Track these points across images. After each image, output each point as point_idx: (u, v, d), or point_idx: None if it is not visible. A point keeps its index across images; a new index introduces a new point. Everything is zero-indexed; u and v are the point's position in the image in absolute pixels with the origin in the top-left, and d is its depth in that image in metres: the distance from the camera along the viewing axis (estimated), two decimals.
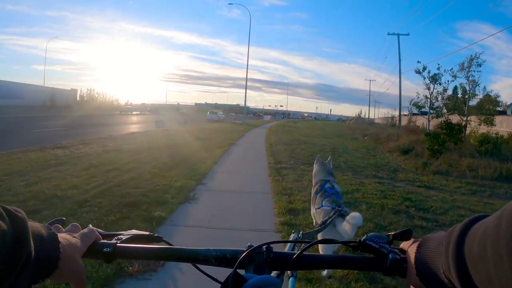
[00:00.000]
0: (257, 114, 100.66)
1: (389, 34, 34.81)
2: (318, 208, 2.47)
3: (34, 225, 0.40)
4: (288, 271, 0.69)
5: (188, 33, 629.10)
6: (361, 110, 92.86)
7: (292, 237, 0.96)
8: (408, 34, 35.16)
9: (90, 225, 0.54)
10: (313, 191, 2.72)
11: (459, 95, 17.32)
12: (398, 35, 34.61)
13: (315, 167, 2.89)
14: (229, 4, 34.00)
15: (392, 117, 24.56)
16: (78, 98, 70.57)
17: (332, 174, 2.80)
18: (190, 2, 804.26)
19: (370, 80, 69.36)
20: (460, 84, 16.79)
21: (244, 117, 35.47)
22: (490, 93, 16.38)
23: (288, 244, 0.83)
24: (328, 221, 1.70)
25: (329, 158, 3.01)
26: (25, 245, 0.35)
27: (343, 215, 2.19)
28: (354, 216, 2.08)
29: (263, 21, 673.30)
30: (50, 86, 68.00)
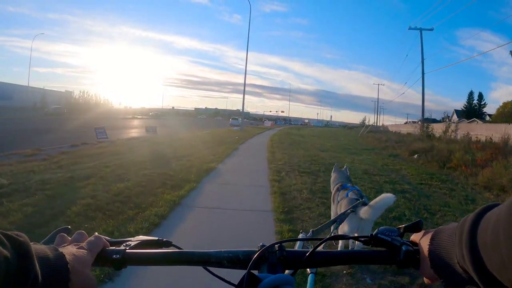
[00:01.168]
0: (263, 120, 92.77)
1: (410, 28, 30.20)
2: (342, 199, 2.48)
3: (39, 248, 0.39)
4: (308, 268, 0.75)
5: (189, 38, 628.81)
6: (365, 117, 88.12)
7: (300, 236, 0.90)
8: (432, 29, 30.55)
9: (96, 233, 0.52)
10: (333, 191, 2.78)
11: None
12: (421, 29, 29.97)
13: (333, 175, 2.93)
14: None
15: (427, 126, 19.32)
16: (72, 101, 69.08)
17: (350, 181, 2.84)
18: (191, 7, 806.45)
19: (378, 85, 64.69)
20: None
21: (241, 123, 30.29)
22: None
23: (297, 244, 0.80)
24: (347, 211, 1.41)
25: (345, 166, 3.01)
26: (30, 269, 0.34)
27: (365, 204, 2.17)
28: (385, 195, 2.09)
29: (263, 27, 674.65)
30: (41, 87, 66.89)
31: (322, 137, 25.69)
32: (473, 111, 57.26)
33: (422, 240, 0.47)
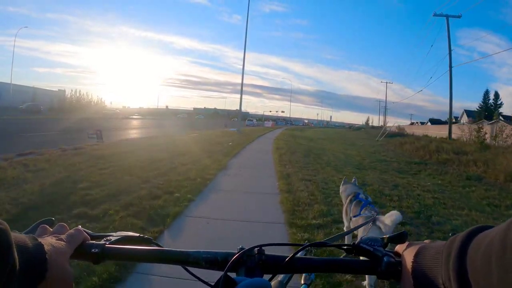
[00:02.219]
0: (262, 120, 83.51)
1: (435, 15, 25.84)
2: (355, 216, 2.41)
3: (18, 236, 0.39)
4: (302, 280, 0.75)
5: (189, 39, 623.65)
6: (368, 117, 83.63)
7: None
8: (459, 16, 26.04)
9: (80, 226, 0.52)
10: (346, 203, 2.70)
11: None
12: (447, 16, 25.63)
13: (343, 187, 2.92)
14: None
15: (479, 129, 14.73)
16: (66, 100, 66.61)
17: (361, 189, 2.80)
18: (190, 8, 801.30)
19: (386, 83, 60.16)
20: None
21: (239, 123, 25.67)
22: None
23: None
24: (360, 226, 1.53)
25: (353, 179, 2.99)
26: (8, 257, 0.34)
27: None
28: (393, 213, 2.09)
29: (263, 27, 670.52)
30: (32, 86, 63.60)
31: (335, 141, 21.20)
32: (489, 110, 52.77)
33: (406, 252, 0.45)
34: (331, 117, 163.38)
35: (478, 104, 56.79)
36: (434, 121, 63.71)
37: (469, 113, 55.60)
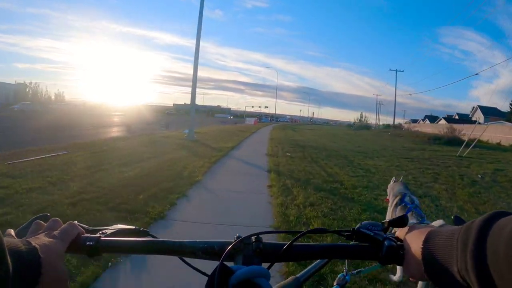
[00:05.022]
0: (253, 118, 63.66)
1: None
2: None
3: (11, 241, 0.38)
4: (335, 281, 0.71)
5: (170, 34, 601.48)
6: (361, 114, 73.16)
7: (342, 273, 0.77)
8: None
9: (76, 221, 0.50)
10: (391, 204, 2.61)
11: None
12: None
13: (391, 185, 2.82)
14: None
15: None
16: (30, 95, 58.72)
17: (408, 189, 2.72)
18: (172, 2, 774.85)
19: (396, 71, 49.69)
20: None
21: (192, 123, 13.74)
22: None
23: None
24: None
25: (401, 178, 2.92)
26: (2, 263, 0.33)
27: None
28: (438, 222, 1.83)
29: (246, 23, 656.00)
30: None
31: (390, 159, 9.68)
32: None
33: (409, 236, 0.44)
34: (313, 113, 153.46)
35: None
36: (432, 118, 55.24)
37: (485, 110, 45.00)
